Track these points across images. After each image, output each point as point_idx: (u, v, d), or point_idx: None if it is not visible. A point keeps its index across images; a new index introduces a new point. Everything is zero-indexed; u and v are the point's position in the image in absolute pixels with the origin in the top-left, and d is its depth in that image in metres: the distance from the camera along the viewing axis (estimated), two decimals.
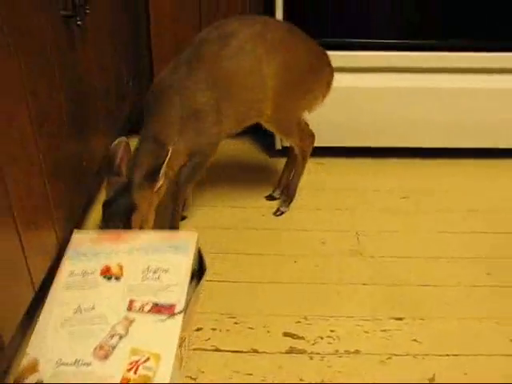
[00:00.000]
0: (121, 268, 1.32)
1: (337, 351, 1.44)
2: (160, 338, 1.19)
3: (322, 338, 1.48)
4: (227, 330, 1.50)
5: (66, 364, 1.14)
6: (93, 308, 1.24)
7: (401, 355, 1.44)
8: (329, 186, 2.16)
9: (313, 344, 1.46)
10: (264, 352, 1.44)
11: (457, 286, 1.67)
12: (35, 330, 1.22)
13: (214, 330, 1.50)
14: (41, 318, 1.24)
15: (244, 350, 1.44)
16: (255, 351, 1.44)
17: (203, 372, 1.38)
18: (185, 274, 1.31)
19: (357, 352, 1.44)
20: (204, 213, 1.97)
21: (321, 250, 1.81)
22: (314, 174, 2.21)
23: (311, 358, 1.42)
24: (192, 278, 1.33)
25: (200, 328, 1.50)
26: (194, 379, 1.36)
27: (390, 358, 1.43)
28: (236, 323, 1.52)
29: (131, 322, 1.21)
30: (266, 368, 1.39)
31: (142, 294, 1.26)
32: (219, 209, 2.00)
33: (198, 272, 1.39)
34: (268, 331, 1.50)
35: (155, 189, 1.51)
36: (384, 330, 1.51)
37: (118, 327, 1.20)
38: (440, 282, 1.68)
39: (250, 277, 1.69)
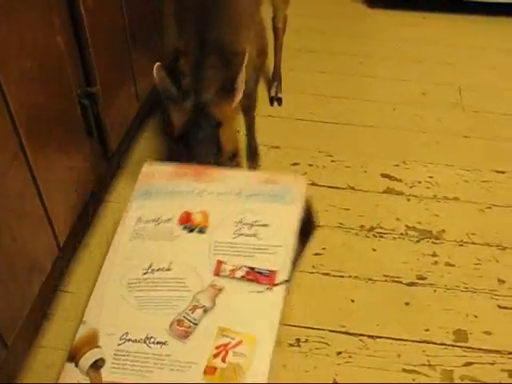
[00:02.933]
0: (205, 216, 1.00)
1: (435, 196, 1.41)
2: (256, 315, 0.91)
3: (420, 183, 1.45)
4: (324, 167, 1.49)
5: (134, 341, 0.89)
6: (168, 268, 0.95)
7: (501, 206, 1.40)
8: (431, 39, 2.05)
9: (411, 187, 1.44)
10: (360, 190, 1.42)
11: None
12: (93, 292, 0.96)
13: (310, 165, 1.49)
14: (100, 277, 0.97)
15: (341, 187, 1.43)
16: (352, 188, 1.43)
17: None
18: (291, 231, 0.98)
19: (456, 199, 1.41)
20: (300, 57, 1.90)
21: (421, 101, 1.74)
22: (417, 27, 2.10)
23: (408, 200, 1.40)
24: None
25: (297, 163, 1.49)
26: None
27: (489, 207, 1.39)
28: (333, 161, 1.50)
29: (219, 290, 0.92)
30: (363, 205, 1.39)
31: (234, 254, 0.96)
32: (317, 54, 1.93)
33: (303, 229, 1.05)
34: (365, 171, 1.48)
35: (235, 104, 1.16)
36: (485, 181, 1.46)
37: (202, 297, 0.92)
38: None
39: (349, 120, 1.65)
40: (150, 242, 0.99)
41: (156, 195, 1.03)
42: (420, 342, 1.11)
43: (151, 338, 0.89)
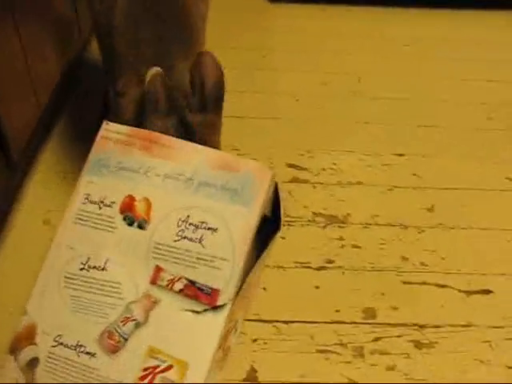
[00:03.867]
0: (148, 206, 0.88)
1: (339, 182, 1.46)
2: (191, 337, 0.82)
3: (324, 170, 1.50)
4: None
5: (66, 345, 0.84)
6: (104, 268, 0.87)
7: (401, 187, 1.46)
8: (331, 31, 2.11)
9: (316, 175, 1.48)
10: None
11: (459, 128, 1.68)
12: (38, 280, 0.89)
13: None
14: (46, 262, 0.89)
15: None
16: None
17: None
18: (242, 243, 0.83)
19: (359, 183, 1.47)
20: None
21: (322, 91, 1.80)
22: (317, 20, 2.16)
23: (314, 187, 1.45)
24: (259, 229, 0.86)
25: None
26: None
27: (391, 189, 1.46)
28: (239, 154, 1.53)
29: (154, 303, 0.83)
30: None
31: (174, 261, 0.85)
32: (218, 50, 1.94)
33: (270, 221, 0.93)
34: (271, 162, 1.51)
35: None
36: (386, 165, 1.53)
37: (135, 308, 0.84)
38: (443, 124, 1.69)
39: (254, 113, 1.68)
40: (91, 231, 0.89)
41: (106, 168, 0.91)
42: (331, 322, 1.15)
43: (81, 346, 0.84)
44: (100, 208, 0.90)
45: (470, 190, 1.47)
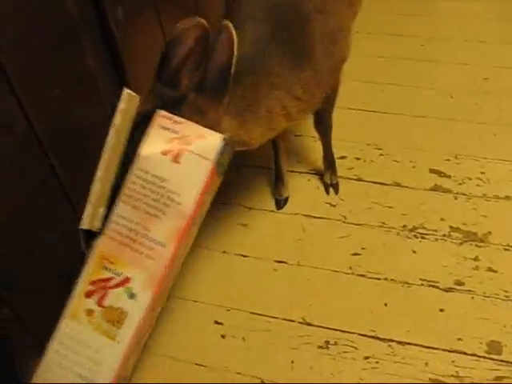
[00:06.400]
0: None
1: (485, 194, 1.37)
2: None
3: (470, 179, 1.41)
4: (371, 161, 1.47)
5: None
6: None
7: None
8: (494, 16, 1.94)
9: (460, 184, 1.40)
10: (407, 187, 1.40)
11: None
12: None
13: (358, 159, 1.48)
14: None
15: (387, 183, 1.41)
16: (398, 185, 1.40)
17: (343, 200, 1.38)
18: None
19: (507, 198, 1.36)
20: (356, 40, 1.86)
21: (481, 87, 1.67)
22: (478, 3, 2.00)
23: (456, 198, 1.37)
24: None
25: (344, 156, 1.48)
26: (334, 205, 1.37)
27: None
28: (381, 155, 1.48)
29: None
30: (407, 203, 1.36)
31: None
32: (375, 37, 1.88)
33: None
34: (414, 166, 1.45)
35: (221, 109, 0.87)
36: None
37: None
38: None
39: (401, 109, 1.61)
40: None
41: None
42: (450, 351, 1.10)
43: None
44: None
45: None
